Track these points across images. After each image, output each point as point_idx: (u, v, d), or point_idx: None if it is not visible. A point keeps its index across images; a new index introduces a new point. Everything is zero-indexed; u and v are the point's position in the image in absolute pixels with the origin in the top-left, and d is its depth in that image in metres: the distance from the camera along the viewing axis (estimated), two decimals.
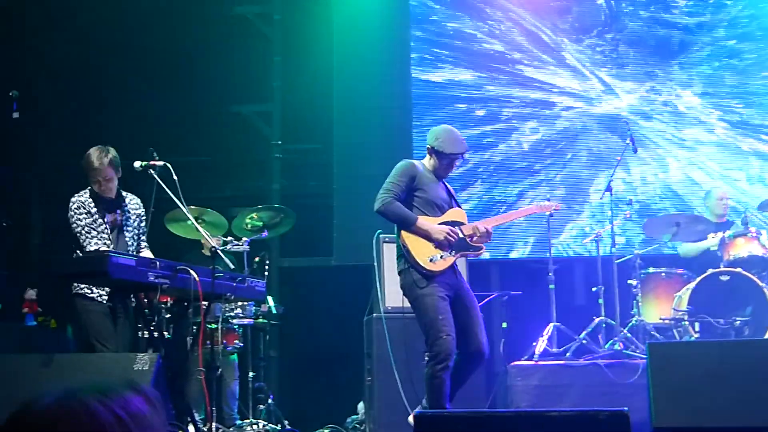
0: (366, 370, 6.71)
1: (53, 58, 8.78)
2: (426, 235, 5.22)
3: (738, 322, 6.66)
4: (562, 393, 6.47)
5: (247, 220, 6.81)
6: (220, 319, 6.07)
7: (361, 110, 8.72)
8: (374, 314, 6.61)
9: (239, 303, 6.38)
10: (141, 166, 5.45)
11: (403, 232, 5.27)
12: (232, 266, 6.41)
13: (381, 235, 6.70)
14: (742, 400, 4.17)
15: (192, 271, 5.03)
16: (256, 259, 6.96)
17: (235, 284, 5.42)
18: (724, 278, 6.83)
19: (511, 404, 6.54)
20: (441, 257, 5.23)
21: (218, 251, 5.32)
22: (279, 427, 6.69)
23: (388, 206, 5.24)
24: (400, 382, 6.16)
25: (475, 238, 5.37)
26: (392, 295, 6.60)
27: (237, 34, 9.25)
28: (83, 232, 5.42)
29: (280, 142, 9.10)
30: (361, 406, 6.94)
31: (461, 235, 5.33)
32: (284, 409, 7.17)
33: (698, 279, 6.88)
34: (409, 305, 6.48)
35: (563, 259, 7.69)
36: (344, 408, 7.21)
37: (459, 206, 5.60)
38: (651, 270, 7.31)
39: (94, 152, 5.47)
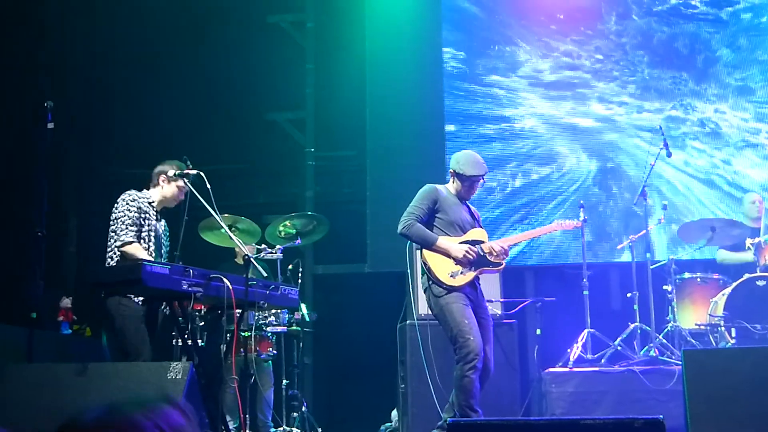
0: (399, 378, 6.71)
1: (86, 66, 8.91)
2: (446, 253, 5.54)
3: None
4: (598, 400, 6.43)
5: (281, 228, 6.83)
6: (254, 327, 6.09)
7: (393, 117, 8.73)
8: (408, 321, 6.61)
9: (273, 311, 6.41)
10: (175, 175, 5.51)
11: (424, 252, 5.60)
12: (265, 274, 6.43)
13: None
14: None
15: (225, 280, 5.06)
16: (290, 266, 6.98)
17: (268, 292, 5.43)
18: (761, 283, 6.74)
19: (546, 411, 6.51)
20: (461, 273, 5.53)
21: (251, 259, 5.35)
22: None
23: (410, 228, 5.61)
24: (433, 390, 6.15)
25: (493, 256, 5.63)
26: (425, 302, 6.61)
27: (270, 42, 9.31)
28: (125, 224, 5.43)
29: (313, 150, 9.14)
30: (394, 413, 6.93)
31: (481, 253, 5.60)
32: (318, 417, 7.18)
33: (734, 284, 6.80)
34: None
35: (598, 265, 7.63)
36: (378, 415, 7.20)
37: (480, 227, 5.86)
38: (686, 275, 7.24)
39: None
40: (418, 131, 8.67)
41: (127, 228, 5.42)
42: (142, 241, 5.45)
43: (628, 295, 7.24)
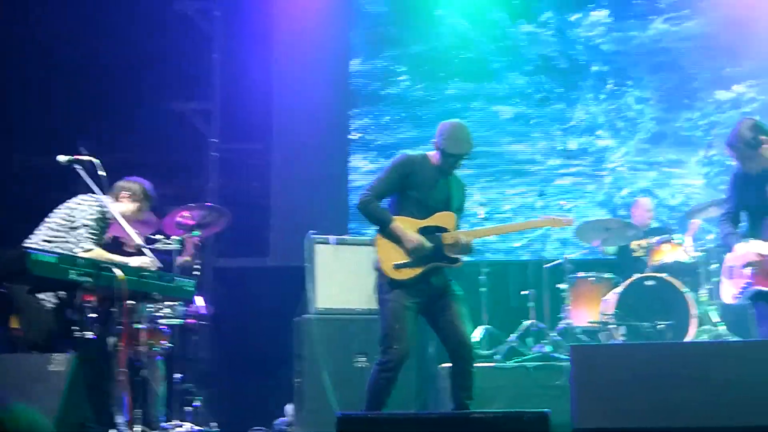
0: (296, 372, 6.68)
1: None
2: (398, 241, 5.12)
3: (661, 326, 6.81)
4: (492, 395, 6.52)
5: (179, 219, 6.72)
6: (147, 320, 5.96)
7: (300, 112, 8.68)
8: (305, 315, 6.59)
9: (167, 303, 6.29)
10: (67, 160, 5.35)
11: (378, 235, 5.21)
12: (160, 264, 6.32)
13: (313, 236, 6.70)
14: (662, 401, 4.24)
15: (116, 270, 4.94)
16: (188, 258, 6.86)
17: (162, 283, 5.34)
18: (650, 283, 6.98)
19: (442, 406, 6.57)
20: (408, 266, 5.11)
21: (143, 249, 5.24)
22: (206, 429, 6.61)
23: (365, 206, 5.18)
24: (328, 384, 6.16)
25: (453, 250, 5.20)
26: (324, 296, 6.61)
27: (176, 29, 9.13)
28: (80, 226, 5.33)
29: (218, 141, 9.01)
30: (290, 408, 6.90)
31: (438, 244, 5.15)
32: (213, 411, 7.09)
33: (625, 284, 7.01)
34: (340, 307, 6.53)
35: (495, 263, 7.74)
36: (274, 410, 7.16)
37: (458, 208, 5.34)
38: (580, 274, 7.43)
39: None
40: (324, 126, 8.64)
41: (78, 233, 5.41)
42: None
43: (524, 292, 7.40)
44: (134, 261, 5.48)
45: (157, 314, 6.30)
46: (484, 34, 8.80)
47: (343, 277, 6.59)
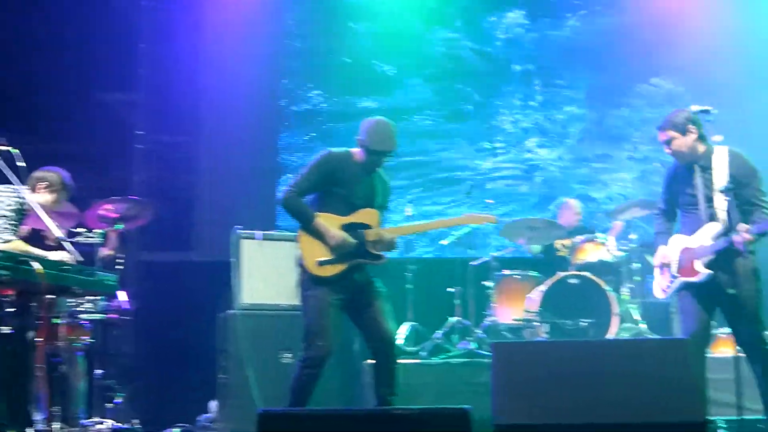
0: (220, 368, 6.61)
1: None
2: (321, 238, 5.11)
3: (584, 324, 6.94)
4: (417, 392, 6.55)
5: (102, 212, 6.59)
6: (66, 314, 5.83)
7: (228, 105, 8.59)
8: (230, 311, 6.52)
9: (88, 297, 6.16)
10: None
11: (300, 231, 5.18)
12: (81, 258, 6.19)
13: (239, 231, 6.64)
14: (581, 398, 4.31)
15: (35, 263, 4.82)
16: (110, 251, 6.73)
17: (83, 277, 5.22)
18: (573, 282, 7.10)
19: (368, 402, 6.57)
20: (331, 263, 5.11)
21: (64, 242, 5.13)
22: (127, 426, 6.50)
23: (288, 202, 5.15)
24: (253, 380, 6.11)
25: (377, 247, 5.19)
26: (250, 291, 6.56)
27: (102, 18, 8.93)
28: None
29: (143, 133, 8.85)
30: (213, 404, 6.82)
31: (361, 241, 5.14)
32: (135, 408, 6.97)
33: (549, 282, 7.12)
34: (265, 302, 6.48)
35: (422, 260, 7.78)
36: (197, 406, 7.07)
37: (382, 206, 5.34)
38: (506, 272, 7.52)
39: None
40: (252, 120, 8.57)
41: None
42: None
43: (450, 290, 7.46)
44: (54, 254, 5.35)
45: (77, 309, 6.18)
46: (400, 43, 8.79)
47: (269, 272, 6.54)
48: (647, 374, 4.34)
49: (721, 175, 5.19)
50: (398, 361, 5.39)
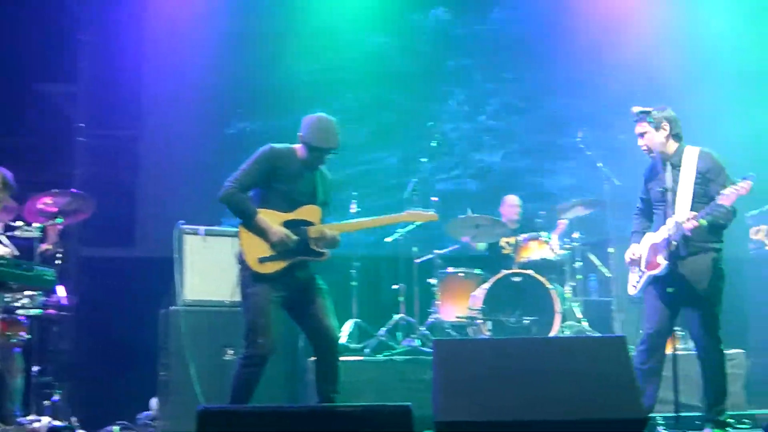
0: (161, 365, 6.53)
1: None
2: (263, 234, 5.05)
3: (527, 321, 7.00)
4: (360, 389, 6.54)
5: (40, 206, 6.46)
6: (3, 310, 5.72)
7: (172, 99, 8.48)
8: (172, 307, 6.44)
9: (26, 292, 6.04)
10: None
11: (241, 227, 5.12)
12: (17, 252, 6.07)
13: (182, 226, 6.56)
14: (521, 395, 4.33)
15: None
16: (49, 246, 6.60)
17: (20, 272, 5.12)
18: (516, 279, 7.16)
19: (312, 399, 6.55)
20: (273, 260, 5.06)
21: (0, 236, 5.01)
22: (65, 424, 6.38)
23: (229, 198, 5.08)
24: (195, 377, 6.05)
25: (319, 244, 5.15)
26: (192, 288, 6.49)
27: (42, 8, 8.75)
28: None
29: (84, 126, 8.69)
30: (154, 401, 6.74)
31: (303, 238, 5.10)
32: (73, 406, 6.85)
33: (492, 279, 7.17)
34: (208, 298, 6.42)
35: (366, 257, 7.76)
36: (138, 403, 6.98)
37: (324, 202, 5.28)
38: (450, 270, 7.55)
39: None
40: (196, 114, 8.46)
41: None
42: None
43: (394, 287, 7.47)
44: None
45: (14, 304, 6.07)
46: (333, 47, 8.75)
47: (212, 268, 6.48)
48: (587, 371, 4.38)
49: (689, 172, 5.30)
50: (341, 358, 5.38)
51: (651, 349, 5.37)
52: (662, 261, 5.28)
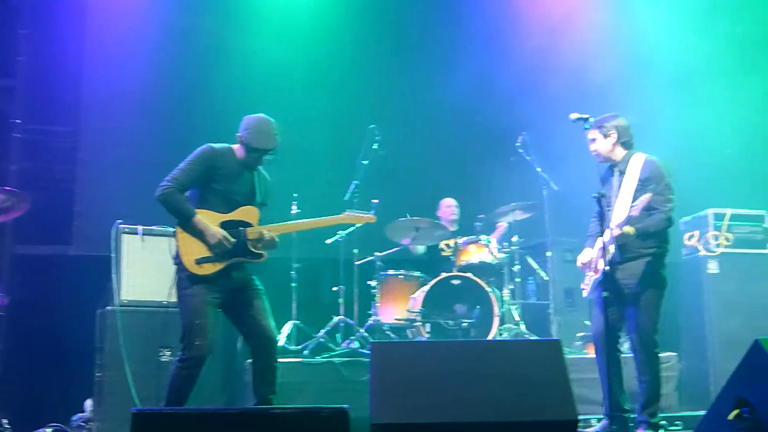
0: (97, 365, 6.44)
1: None
2: (200, 235, 5.02)
3: (465, 324, 7.07)
4: (299, 390, 6.56)
5: None
6: None
7: (112, 96, 8.35)
8: (108, 307, 6.36)
9: None
10: None
11: (178, 228, 5.08)
12: None
13: (120, 225, 6.48)
14: (457, 397, 4.36)
15: None
16: None
17: None
18: (456, 282, 7.22)
19: (250, 401, 6.52)
20: (210, 261, 5.03)
21: None
22: None
23: (166, 197, 5.03)
24: (131, 378, 5.98)
25: (259, 244, 5.13)
26: (129, 287, 6.42)
27: None
28: None
29: (20, 121, 8.52)
30: (89, 402, 6.64)
31: (242, 239, 5.08)
32: (4, 407, 6.71)
33: (432, 282, 7.22)
34: (145, 299, 6.35)
35: (306, 258, 7.75)
36: (72, 405, 6.87)
37: (262, 203, 5.28)
38: (390, 272, 7.58)
39: None
40: (137, 112, 8.35)
41: None
42: None
43: (334, 288, 7.48)
44: None
45: None
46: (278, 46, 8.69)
47: (150, 268, 6.41)
48: (522, 374, 4.44)
49: (632, 179, 5.41)
50: (279, 359, 5.37)
51: (598, 351, 5.58)
52: (600, 265, 5.40)
